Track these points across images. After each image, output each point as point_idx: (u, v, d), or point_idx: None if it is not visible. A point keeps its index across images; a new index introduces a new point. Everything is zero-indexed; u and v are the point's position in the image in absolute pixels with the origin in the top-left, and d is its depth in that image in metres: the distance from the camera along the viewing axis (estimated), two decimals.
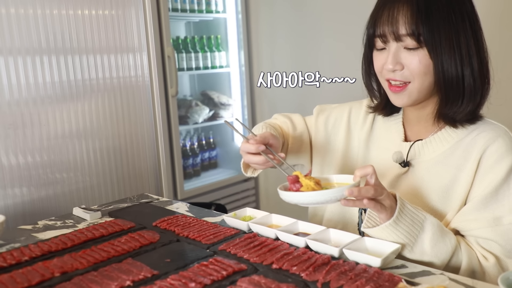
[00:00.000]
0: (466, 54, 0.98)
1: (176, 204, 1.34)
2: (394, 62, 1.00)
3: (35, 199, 1.43)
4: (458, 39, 0.97)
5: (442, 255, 0.94)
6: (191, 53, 2.91)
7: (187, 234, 1.06)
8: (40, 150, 1.43)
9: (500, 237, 0.96)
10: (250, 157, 1.02)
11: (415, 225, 0.94)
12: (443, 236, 0.95)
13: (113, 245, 1.01)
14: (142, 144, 1.72)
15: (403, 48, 0.99)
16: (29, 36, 1.40)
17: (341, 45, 2.56)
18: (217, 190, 2.97)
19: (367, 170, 0.92)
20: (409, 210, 0.94)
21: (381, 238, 0.95)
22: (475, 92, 1.00)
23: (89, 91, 1.55)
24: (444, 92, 1.01)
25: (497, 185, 0.97)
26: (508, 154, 0.99)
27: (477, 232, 0.98)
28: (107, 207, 1.33)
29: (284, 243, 0.98)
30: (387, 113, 1.17)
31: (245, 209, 1.17)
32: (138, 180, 1.72)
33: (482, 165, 1.00)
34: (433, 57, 0.97)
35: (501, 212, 0.97)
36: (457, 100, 1.01)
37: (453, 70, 0.98)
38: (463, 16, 0.98)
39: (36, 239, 1.10)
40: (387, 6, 1.00)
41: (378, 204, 0.91)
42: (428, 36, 0.96)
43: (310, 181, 0.93)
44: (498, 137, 1.00)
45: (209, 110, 3.04)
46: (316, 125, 1.26)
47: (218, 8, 2.99)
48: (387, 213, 0.92)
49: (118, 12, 1.62)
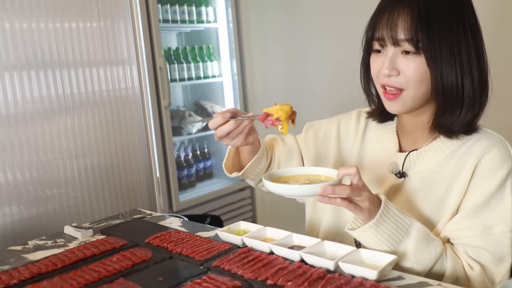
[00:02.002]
0: (466, 64, 0.96)
1: (169, 219, 1.32)
2: (390, 67, 0.99)
3: (25, 218, 1.41)
4: (459, 49, 0.96)
5: (424, 261, 0.93)
6: (183, 64, 2.90)
7: (180, 251, 1.04)
8: (29, 167, 1.41)
9: (490, 245, 0.95)
10: (221, 128, 1.01)
11: (399, 230, 0.93)
12: (428, 243, 0.94)
13: (105, 265, 0.98)
14: (134, 158, 1.70)
15: (401, 53, 0.98)
16: (16, 50, 1.38)
17: (333, 50, 2.56)
18: (213, 201, 2.95)
19: (350, 170, 0.92)
20: (393, 214, 0.93)
21: (363, 240, 0.94)
22: (474, 102, 0.98)
23: (79, 106, 1.53)
24: (442, 101, 0.99)
25: (490, 194, 0.96)
26: (503, 163, 0.98)
27: (467, 240, 0.97)
28: (99, 224, 1.31)
29: (278, 257, 0.96)
30: (382, 119, 1.15)
31: (239, 222, 1.15)
32: (131, 195, 1.70)
33: (477, 175, 0.99)
34: (432, 65, 0.96)
35: (493, 221, 0.96)
36: (455, 110, 0.99)
37: (453, 80, 0.96)
38: (465, 26, 0.97)
39: (26, 260, 1.07)
40: (388, 9, 0.99)
41: (352, 204, 0.91)
42: (427, 43, 0.95)
43: (279, 107, 0.99)
44: (493, 146, 0.99)
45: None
46: (305, 140, 1.25)
47: (209, 18, 2.99)
48: (364, 214, 0.91)
49: (107, 24, 1.61)
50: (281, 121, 1.00)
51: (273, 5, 2.84)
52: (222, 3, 3.00)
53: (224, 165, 1.20)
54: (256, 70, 3.04)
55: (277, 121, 1.00)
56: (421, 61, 0.96)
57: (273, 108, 1.00)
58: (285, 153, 1.23)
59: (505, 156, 0.98)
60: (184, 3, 2.86)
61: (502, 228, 0.95)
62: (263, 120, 1.00)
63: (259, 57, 3.00)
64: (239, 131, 1.03)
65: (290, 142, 1.26)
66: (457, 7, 0.97)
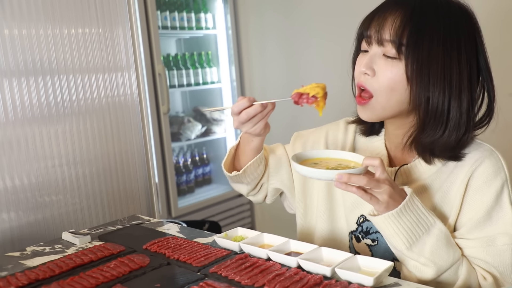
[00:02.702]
0: (456, 85, 0.93)
1: (167, 225, 1.32)
2: (367, 65, 0.97)
3: (24, 224, 1.41)
4: (450, 68, 0.93)
5: (441, 261, 0.92)
6: (182, 70, 2.91)
7: (178, 257, 1.04)
8: (28, 173, 1.41)
9: (492, 258, 0.94)
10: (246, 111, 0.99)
11: (420, 225, 0.92)
12: (448, 245, 0.93)
13: (102, 271, 0.98)
14: (132, 164, 1.70)
15: (382, 54, 0.96)
16: (15, 57, 1.38)
17: (332, 57, 2.57)
18: (212, 206, 2.95)
19: (373, 162, 0.90)
20: (417, 209, 0.92)
21: (382, 228, 0.93)
22: (459, 126, 0.95)
23: (77, 112, 1.54)
24: (423, 117, 0.96)
25: (489, 207, 0.95)
26: (496, 175, 0.97)
27: (469, 251, 0.96)
28: (97, 230, 1.31)
29: (276, 264, 0.96)
30: (366, 132, 1.13)
31: (237, 229, 1.15)
32: (130, 201, 1.70)
33: (471, 188, 0.97)
34: (415, 75, 0.93)
35: (495, 234, 0.94)
36: (437, 129, 0.95)
37: (439, 98, 0.93)
38: (460, 47, 0.94)
39: (24, 266, 1.07)
40: (382, 10, 0.98)
41: (368, 195, 0.90)
42: (412, 50, 0.92)
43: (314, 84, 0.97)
44: (485, 158, 0.98)
45: (201, 126, 3.03)
46: (293, 150, 1.21)
47: (208, 25, 3.00)
48: (381, 207, 0.90)
49: (106, 31, 1.61)
50: (317, 98, 0.97)
51: (271, 12, 2.85)
52: (221, 9, 3.02)
53: (223, 164, 1.19)
54: (254, 76, 3.05)
55: (313, 99, 0.97)
56: (401, 67, 0.94)
57: (306, 87, 0.97)
58: (275, 163, 1.21)
59: (497, 167, 0.97)
60: (184, 10, 2.88)
61: (505, 240, 0.94)
62: (298, 99, 0.97)
63: (258, 63, 3.01)
64: (263, 115, 1.01)
65: (279, 152, 1.23)
66: (455, 26, 0.94)
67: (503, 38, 1.95)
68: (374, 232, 1.08)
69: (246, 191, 1.25)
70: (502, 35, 1.95)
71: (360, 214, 1.10)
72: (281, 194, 1.27)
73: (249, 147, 1.13)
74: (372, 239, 1.08)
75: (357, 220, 1.10)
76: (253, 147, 1.13)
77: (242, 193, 1.27)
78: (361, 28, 1.01)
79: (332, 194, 1.15)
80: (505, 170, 0.98)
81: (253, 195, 1.26)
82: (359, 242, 1.10)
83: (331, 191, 1.15)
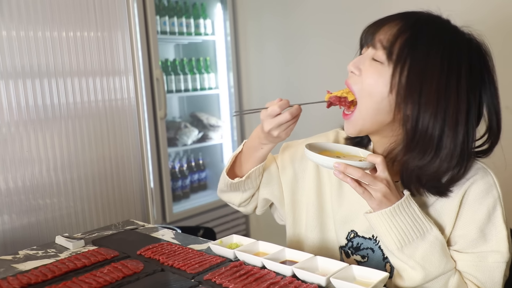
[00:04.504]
0: (452, 115, 0.90)
1: (162, 231, 1.31)
2: (355, 64, 0.97)
3: (17, 227, 1.40)
4: (448, 94, 0.89)
5: (430, 268, 0.91)
6: (180, 75, 2.91)
7: (172, 263, 1.03)
8: (22, 175, 1.41)
9: (482, 274, 0.93)
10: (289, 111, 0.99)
11: (415, 229, 0.92)
12: (442, 254, 0.92)
13: (95, 276, 0.98)
14: (128, 168, 1.69)
15: (372, 57, 0.96)
16: (12, 59, 1.38)
17: (331, 65, 2.57)
18: (207, 212, 2.94)
19: (375, 159, 0.92)
20: (413, 212, 0.92)
21: (375, 225, 0.93)
22: (451, 158, 0.91)
23: (74, 115, 1.53)
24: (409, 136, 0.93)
25: (481, 225, 0.94)
26: (487, 192, 0.96)
27: (461, 264, 0.95)
28: (91, 234, 1.30)
29: (270, 272, 0.95)
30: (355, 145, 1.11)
31: (232, 236, 1.14)
32: (125, 205, 1.69)
33: (465, 205, 0.96)
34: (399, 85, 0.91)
35: (488, 251, 0.94)
36: (425, 154, 0.92)
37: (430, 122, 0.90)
38: (460, 75, 0.90)
39: (16, 270, 1.06)
40: (385, 18, 0.98)
41: (362, 188, 0.91)
42: (399, 57, 0.91)
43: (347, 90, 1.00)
44: (478, 176, 0.96)
45: (198, 131, 3.03)
46: (282, 161, 1.20)
47: (207, 31, 3.01)
48: (373, 203, 0.92)
49: (104, 35, 1.61)
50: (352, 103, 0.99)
51: (270, 19, 2.86)
52: (220, 16, 3.03)
53: (226, 171, 1.17)
54: (252, 83, 3.05)
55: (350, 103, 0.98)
56: (383, 73, 0.93)
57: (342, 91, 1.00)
58: (266, 174, 1.19)
59: (489, 185, 0.96)
60: (183, 15, 2.88)
61: (496, 258, 0.93)
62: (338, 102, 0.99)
63: (256, 70, 3.01)
64: (297, 118, 1.02)
65: (270, 163, 1.21)
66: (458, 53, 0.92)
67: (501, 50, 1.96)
68: (364, 249, 1.07)
69: (239, 201, 1.21)
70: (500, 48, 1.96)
71: (350, 229, 1.09)
72: (271, 206, 1.26)
73: (257, 154, 1.12)
74: (362, 255, 1.07)
75: (347, 235, 1.10)
76: (260, 154, 1.11)
77: (233, 204, 1.24)
78: (362, 33, 1.02)
79: (323, 207, 1.15)
80: (497, 187, 0.97)
81: (244, 206, 1.24)
82: (349, 257, 1.10)
83: (322, 204, 1.15)
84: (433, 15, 0.97)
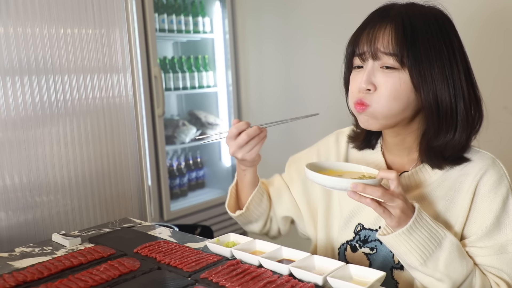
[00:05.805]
0: (459, 86, 0.96)
1: (159, 229, 1.31)
2: (368, 81, 0.96)
3: (13, 224, 1.39)
4: (451, 71, 0.95)
5: (456, 275, 0.91)
6: (178, 73, 2.91)
7: (169, 261, 1.03)
8: (19, 172, 1.40)
9: (505, 265, 0.94)
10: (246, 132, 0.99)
11: (432, 240, 0.91)
12: (461, 257, 0.93)
13: (92, 274, 0.97)
14: (126, 166, 1.69)
15: (380, 67, 0.96)
16: (10, 55, 1.37)
17: (330, 63, 2.57)
18: (205, 211, 2.94)
19: (389, 175, 0.90)
20: (427, 223, 0.91)
21: (394, 247, 0.92)
22: (467, 125, 0.97)
23: (71, 112, 1.52)
24: (437, 122, 0.97)
25: (497, 215, 0.95)
26: (500, 182, 0.97)
27: (481, 259, 0.96)
28: (88, 232, 1.30)
29: (267, 271, 0.95)
30: (359, 146, 1.13)
31: (229, 234, 1.14)
32: (122, 203, 1.68)
33: (478, 196, 0.98)
34: (421, 84, 0.94)
35: (506, 241, 0.95)
36: (449, 132, 0.97)
37: (447, 100, 0.95)
38: (454, 50, 0.97)
39: (12, 267, 1.06)
40: (369, 25, 0.98)
41: (381, 208, 0.89)
42: (413, 60, 0.93)
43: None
44: (488, 166, 0.99)
45: (196, 129, 3.03)
46: (289, 176, 1.23)
47: (205, 29, 3.00)
48: (393, 221, 0.90)
49: (102, 32, 1.60)
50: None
51: (269, 18, 2.86)
52: (219, 14, 3.02)
53: (227, 205, 1.20)
54: (251, 82, 3.05)
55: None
56: (403, 77, 0.95)
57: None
58: (275, 192, 1.22)
59: (501, 175, 0.98)
60: (181, 13, 2.88)
61: None
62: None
63: (255, 69, 3.01)
64: (260, 138, 1.02)
65: (276, 181, 1.24)
66: (445, 32, 0.97)
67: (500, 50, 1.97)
68: (373, 240, 1.07)
69: (259, 229, 1.24)
70: (499, 48, 1.96)
71: (357, 222, 1.10)
72: (292, 223, 1.27)
73: (245, 181, 1.15)
74: (371, 247, 1.08)
75: (354, 228, 1.10)
76: (248, 181, 1.14)
77: (256, 233, 1.26)
78: (351, 46, 1.01)
79: (330, 208, 1.15)
80: (507, 177, 0.99)
81: (266, 232, 1.27)
82: (356, 251, 1.10)
83: (328, 206, 1.15)
84: (406, 3, 1.01)
